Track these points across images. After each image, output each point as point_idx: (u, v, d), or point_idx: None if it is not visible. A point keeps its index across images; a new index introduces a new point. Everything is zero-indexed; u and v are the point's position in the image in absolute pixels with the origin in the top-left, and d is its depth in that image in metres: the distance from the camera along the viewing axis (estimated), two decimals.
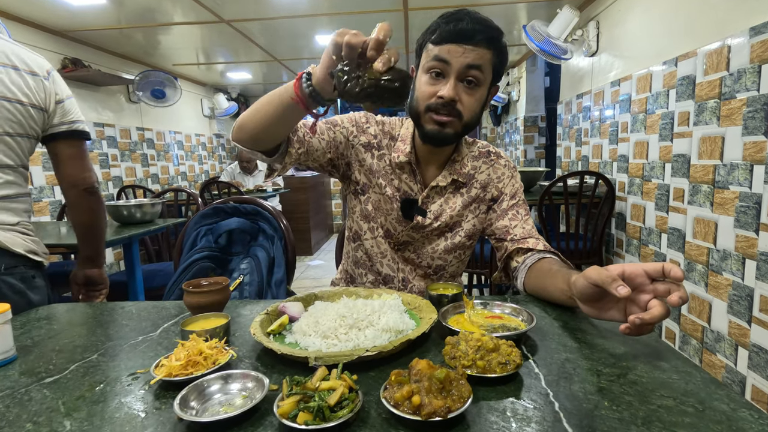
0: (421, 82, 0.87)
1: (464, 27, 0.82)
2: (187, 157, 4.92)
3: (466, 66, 0.83)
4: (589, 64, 2.94)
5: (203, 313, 0.74)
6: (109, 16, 2.88)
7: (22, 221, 1.02)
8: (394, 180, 0.98)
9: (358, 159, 0.99)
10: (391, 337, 0.66)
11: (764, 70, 1.47)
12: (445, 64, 0.83)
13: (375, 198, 0.99)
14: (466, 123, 0.88)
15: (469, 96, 0.86)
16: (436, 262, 1.02)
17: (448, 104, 0.84)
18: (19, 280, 0.97)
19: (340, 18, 3.14)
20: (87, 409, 0.52)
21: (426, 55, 0.86)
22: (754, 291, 1.55)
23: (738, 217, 1.61)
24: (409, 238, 1.00)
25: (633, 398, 0.51)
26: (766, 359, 1.51)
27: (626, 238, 2.48)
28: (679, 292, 0.57)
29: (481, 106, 0.89)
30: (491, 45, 0.84)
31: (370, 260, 1.04)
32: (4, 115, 0.96)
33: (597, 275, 0.61)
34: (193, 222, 1.36)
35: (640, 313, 0.57)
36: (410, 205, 0.97)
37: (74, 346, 0.71)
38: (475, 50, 0.82)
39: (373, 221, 1.01)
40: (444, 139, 0.89)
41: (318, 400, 0.47)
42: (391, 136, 1.00)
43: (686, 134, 1.90)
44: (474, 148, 1.02)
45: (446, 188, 0.98)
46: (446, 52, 0.83)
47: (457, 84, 0.84)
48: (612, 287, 0.59)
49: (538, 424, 0.47)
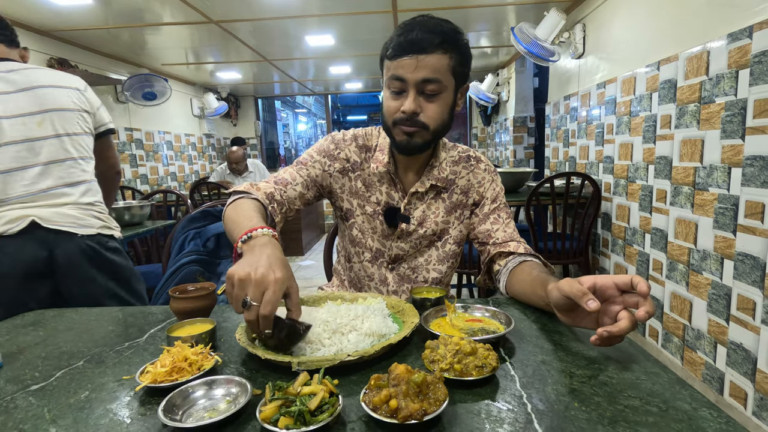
0: (386, 98, 0.90)
1: (415, 38, 0.82)
2: (176, 157, 4.89)
3: (421, 81, 0.84)
4: (576, 66, 2.98)
5: (190, 318, 0.75)
6: (96, 16, 2.85)
7: (95, 202, 1.35)
8: (374, 194, 1.00)
9: (338, 186, 1.01)
10: (373, 341, 0.68)
11: (741, 76, 1.51)
12: (401, 81, 0.84)
13: (360, 221, 1.02)
14: (434, 131, 0.89)
15: (432, 105, 0.86)
16: (432, 275, 1.03)
17: (411, 118, 0.86)
18: (96, 243, 1.31)
19: (329, 19, 3.15)
20: (72, 416, 0.53)
21: (385, 71, 0.88)
22: (732, 290, 1.59)
23: (717, 218, 1.66)
24: (399, 251, 1.02)
25: (602, 399, 0.53)
26: (743, 356, 1.55)
27: (612, 238, 2.52)
28: (646, 307, 0.60)
29: (449, 110, 0.90)
30: (446, 50, 0.84)
31: (359, 282, 1.07)
32: (75, 120, 1.31)
33: (569, 288, 0.64)
34: (181, 226, 1.37)
35: (608, 327, 0.60)
36: (393, 213, 0.99)
37: (60, 353, 0.72)
38: (429, 61, 0.82)
39: (359, 246, 1.03)
40: (414, 149, 0.90)
41: (299, 404, 0.49)
42: (367, 148, 1.01)
43: (668, 137, 1.94)
44: (454, 152, 1.03)
45: (427, 194, 1.00)
46: (401, 67, 0.84)
47: (417, 97, 0.85)
48: (582, 301, 0.61)
49: (511, 425, 0.49)
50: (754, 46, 1.45)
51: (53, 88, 1.27)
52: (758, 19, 1.44)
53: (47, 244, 1.23)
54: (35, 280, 1.23)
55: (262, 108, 7.04)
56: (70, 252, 1.25)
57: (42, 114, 1.24)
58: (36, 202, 1.22)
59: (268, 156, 7.58)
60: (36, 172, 1.23)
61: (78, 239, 1.26)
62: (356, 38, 3.71)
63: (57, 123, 1.26)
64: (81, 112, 1.32)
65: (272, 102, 10.03)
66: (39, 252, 1.21)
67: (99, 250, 1.30)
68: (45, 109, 1.24)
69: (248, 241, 0.71)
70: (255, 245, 0.69)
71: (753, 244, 1.49)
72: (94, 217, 1.33)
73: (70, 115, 1.29)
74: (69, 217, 1.26)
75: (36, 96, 1.24)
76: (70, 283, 1.26)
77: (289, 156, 11.95)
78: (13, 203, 1.20)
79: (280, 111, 11.82)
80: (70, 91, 1.30)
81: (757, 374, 1.49)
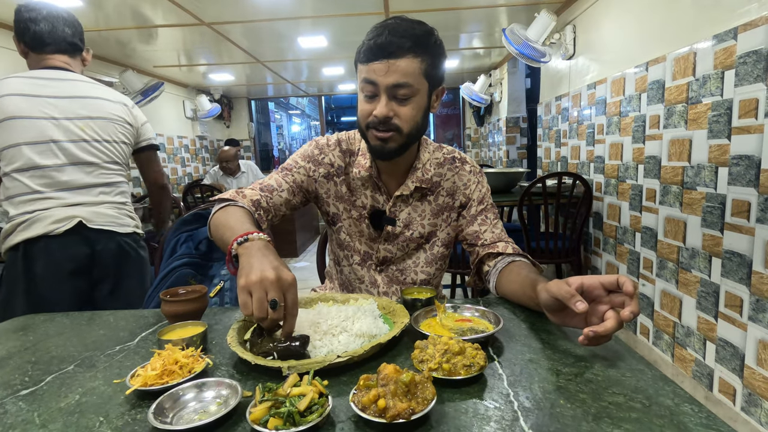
0: (359, 101, 0.90)
1: (384, 42, 0.81)
2: (169, 159, 4.87)
3: (392, 85, 0.83)
4: (566, 67, 3.01)
5: (181, 321, 0.75)
6: (86, 18, 2.83)
7: (127, 202, 1.46)
8: (359, 198, 1.00)
9: (323, 191, 1.02)
10: (364, 342, 0.68)
11: (726, 77, 1.54)
12: (373, 85, 0.84)
13: (347, 225, 1.02)
14: (407, 134, 0.88)
15: (405, 108, 0.86)
16: (420, 277, 1.04)
17: (384, 122, 0.86)
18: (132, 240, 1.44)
19: (322, 20, 3.16)
20: (63, 420, 0.53)
21: (359, 75, 0.88)
22: (720, 287, 1.62)
23: (705, 216, 1.68)
24: (387, 253, 1.02)
25: (587, 396, 0.54)
26: (731, 352, 1.58)
27: (603, 237, 2.55)
28: (630, 307, 0.61)
29: (423, 113, 0.90)
30: (417, 54, 0.83)
31: (350, 284, 1.08)
32: (117, 129, 1.42)
33: (558, 290, 0.65)
34: (173, 229, 1.36)
35: (594, 327, 0.61)
36: (378, 216, 1.00)
37: (50, 357, 0.72)
38: (400, 65, 0.82)
39: (347, 249, 1.04)
40: (389, 153, 0.90)
41: (288, 405, 0.49)
42: (350, 152, 1.01)
43: (657, 137, 1.96)
44: (439, 153, 1.02)
45: (412, 196, 1.00)
46: (372, 72, 0.83)
47: (390, 101, 0.85)
48: (571, 303, 0.62)
49: (497, 423, 0.50)
50: (739, 47, 1.48)
51: (102, 100, 1.40)
52: (743, 20, 1.46)
53: (90, 242, 1.32)
54: (77, 278, 1.32)
55: (256, 110, 7.02)
56: (112, 249, 1.36)
57: (89, 120, 1.36)
58: (78, 200, 1.32)
59: (262, 158, 7.56)
60: (78, 170, 1.33)
61: (117, 237, 1.38)
62: (349, 40, 3.72)
63: (101, 129, 1.38)
64: (124, 123, 1.44)
65: (266, 103, 10.00)
66: (83, 250, 1.31)
67: (135, 248, 1.43)
68: (92, 116, 1.37)
69: (244, 244, 0.72)
70: (252, 248, 0.71)
71: (740, 242, 1.51)
72: (128, 216, 1.44)
73: (113, 124, 1.41)
74: (108, 216, 1.37)
75: (86, 104, 1.36)
76: (107, 280, 1.37)
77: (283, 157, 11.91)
78: (57, 200, 1.29)
79: (274, 112, 11.79)
80: (117, 105, 1.44)
81: (745, 370, 1.51)
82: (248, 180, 4.32)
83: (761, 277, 1.43)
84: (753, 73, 1.42)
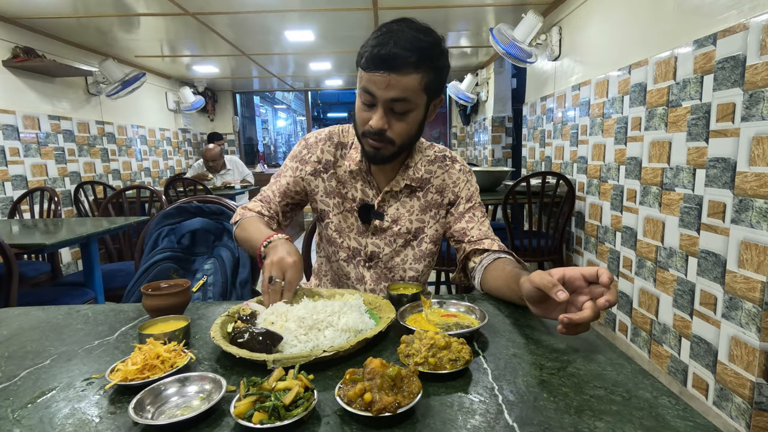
0: (358, 105, 0.89)
1: (388, 53, 0.79)
2: (150, 152, 4.76)
3: (390, 99, 0.82)
4: (552, 68, 3.05)
5: (163, 316, 0.74)
6: (65, 4, 2.74)
7: None
8: (350, 191, 1.01)
9: (311, 188, 1.03)
10: (350, 337, 0.68)
11: (705, 81, 1.58)
12: (371, 96, 0.83)
13: (335, 221, 1.03)
14: (400, 145, 0.89)
15: (401, 122, 0.86)
16: (409, 274, 1.05)
17: (378, 133, 0.86)
18: None
19: (310, 14, 3.12)
20: (38, 416, 0.52)
21: (359, 79, 0.86)
22: (696, 286, 1.67)
23: (682, 217, 1.73)
24: (375, 248, 1.02)
25: (569, 389, 0.55)
26: (705, 349, 1.63)
27: (585, 236, 2.60)
28: (606, 296, 0.62)
29: (418, 125, 0.90)
30: (420, 69, 0.81)
31: (339, 281, 1.08)
32: None
33: (540, 280, 0.66)
34: (154, 222, 1.33)
35: (570, 314, 0.62)
36: (367, 210, 1.00)
37: (25, 352, 0.69)
38: (401, 79, 0.81)
39: (333, 245, 1.04)
40: (382, 160, 0.91)
41: (274, 399, 0.49)
42: (343, 144, 1.02)
43: (638, 138, 2.01)
44: (430, 151, 1.04)
45: (401, 192, 1.01)
46: (372, 83, 0.82)
47: (386, 113, 0.85)
48: (552, 292, 0.63)
49: (482, 416, 0.50)
50: (718, 53, 1.52)
51: None
52: (722, 27, 1.50)
53: None
54: None
55: (241, 103, 6.92)
56: None
57: None
58: None
59: (246, 152, 7.45)
60: None
61: None
62: (337, 35, 3.69)
63: None
64: None
65: (251, 97, 9.86)
66: None
67: None
68: None
69: (269, 245, 0.86)
70: (276, 245, 0.85)
71: (715, 242, 1.56)
72: None
73: None
74: None
75: None
76: None
77: (268, 152, 11.79)
78: None
79: (259, 107, 11.64)
80: None
81: (718, 366, 1.57)
82: (234, 176, 4.26)
83: (735, 276, 1.48)
84: (731, 78, 1.47)
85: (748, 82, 1.40)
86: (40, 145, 3.21)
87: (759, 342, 1.38)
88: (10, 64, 2.93)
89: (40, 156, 3.20)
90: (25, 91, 3.10)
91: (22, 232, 1.90)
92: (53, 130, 3.35)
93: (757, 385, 1.40)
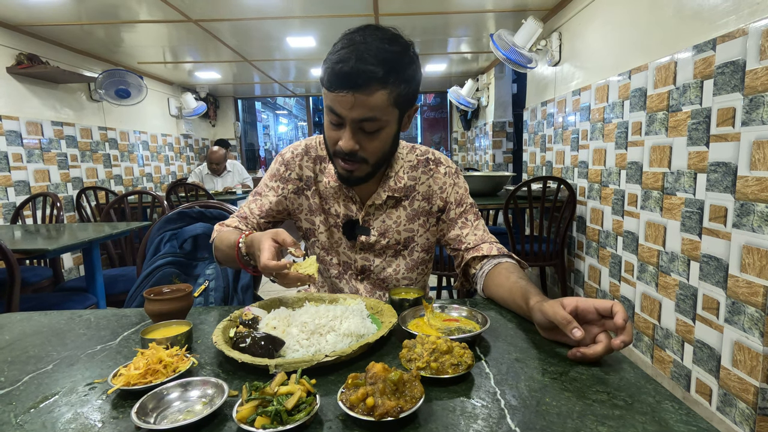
0: (326, 124, 0.85)
1: (351, 71, 0.73)
2: (152, 157, 4.78)
3: (358, 120, 0.78)
4: (552, 73, 3.06)
5: (165, 320, 0.74)
6: (68, 11, 2.77)
7: None
8: (333, 206, 0.97)
9: (295, 207, 1.00)
10: (351, 341, 0.68)
11: (705, 86, 1.59)
12: (338, 116, 0.79)
13: (322, 239, 1.00)
14: (375, 163, 0.86)
15: (372, 141, 0.82)
16: (403, 283, 1.02)
17: (349, 155, 0.82)
18: None
19: (311, 21, 3.15)
20: (41, 420, 0.52)
21: (324, 97, 0.82)
22: (698, 290, 1.66)
23: (684, 221, 1.73)
24: (365, 261, 1.00)
25: (572, 394, 0.55)
26: (708, 354, 1.62)
27: (586, 241, 2.59)
28: (622, 336, 0.61)
29: (392, 140, 0.86)
30: (387, 83, 0.76)
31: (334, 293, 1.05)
32: None
33: (553, 314, 0.65)
34: (156, 227, 1.34)
35: (583, 348, 0.62)
36: (352, 226, 0.97)
37: (28, 357, 0.70)
38: (367, 98, 0.75)
39: (323, 263, 1.02)
40: (356, 181, 0.88)
41: (276, 404, 0.49)
42: (320, 158, 0.98)
43: (639, 143, 2.01)
44: (412, 156, 0.98)
45: (385, 203, 0.96)
46: (337, 103, 0.77)
47: (356, 133, 0.80)
48: (567, 330, 0.63)
49: (484, 421, 0.50)
50: (718, 58, 1.53)
51: None
52: (721, 32, 1.51)
53: None
54: None
55: (242, 109, 6.95)
56: None
57: None
58: None
59: (247, 158, 7.48)
60: None
61: None
62: None
63: None
64: None
65: (252, 103, 9.91)
66: None
67: None
68: None
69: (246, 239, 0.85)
70: (253, 237, 0.83)
71: (717, 247, 1.56)
72: None
73: None
74: None
75: None
76: None
77: (269, 158, 11.80)
78: None
79: (261, 112, 11.69)
80: None
81: (721, 371, 1.56)
82: (233, 179, 4.28)
83: (737, 280, 1.47)
84: (730, 83, 1.47)
85: (748, 87, 1.40)
86: (42, 151, 3.22)
87: (762, 347, 1.38)
88: (14, 71, 2.95)
89: (42, 162, 3.22)
90: (28, 97, 3.12)
91: (24, 238, 1.90)
92: (56, 135, 3.36)
93: (761, 390, 1.39)
